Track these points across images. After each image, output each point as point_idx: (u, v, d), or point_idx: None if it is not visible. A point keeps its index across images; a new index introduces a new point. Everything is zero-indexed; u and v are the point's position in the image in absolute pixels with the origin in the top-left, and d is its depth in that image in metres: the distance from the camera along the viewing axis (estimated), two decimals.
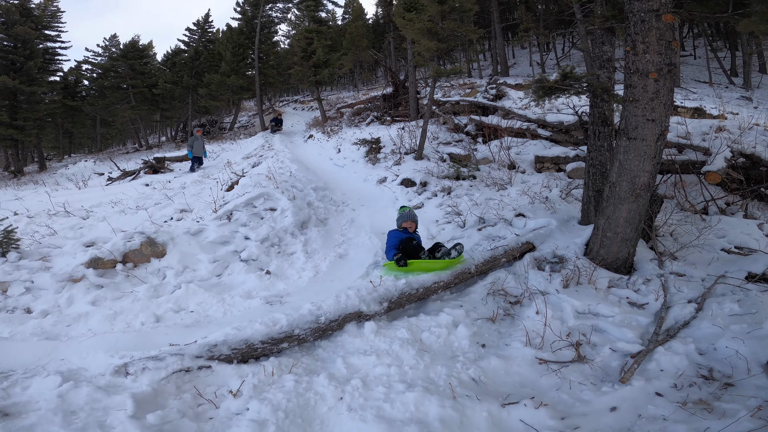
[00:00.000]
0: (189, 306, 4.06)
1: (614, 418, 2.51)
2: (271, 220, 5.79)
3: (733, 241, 4.94)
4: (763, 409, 2.35)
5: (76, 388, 2.46)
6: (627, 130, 3.83)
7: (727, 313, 3.44)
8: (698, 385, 2.73)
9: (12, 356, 3.03)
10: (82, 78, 30.61)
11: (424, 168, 8.15)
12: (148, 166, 13.22)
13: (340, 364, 2.93)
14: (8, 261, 4.51)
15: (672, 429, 2.33)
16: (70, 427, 2.20)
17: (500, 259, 4.49)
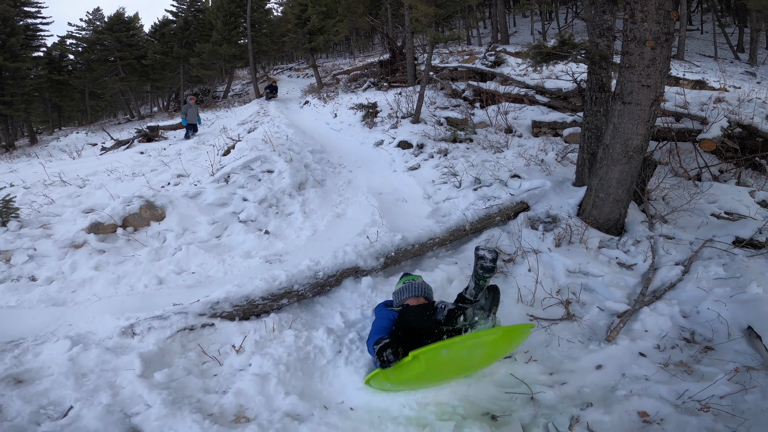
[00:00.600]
0: (190, 267, 4.13)
1: (600, 376, 2.63)
2: (269, 182, 5.79)
3: (723, 207, 5.01)
4: (739, 373, 2.46)
5: (86, 350, 2.55)
6: (622, 95, 3.88)
7: (712, 276, 3.54)
8: (680, 348, 2.86)
9: (21, 324, 3.10)
10: (67, 52, 29.79)
11: (420, 131, 8.12)
12: (142, 135, 13.05)
13: (338, 318, 3.04)
14: (9, 230, 4.53)
15: (653, 389, 2.45)
16: (82, 390, 2.30)
17: (495, 218, 4.56)
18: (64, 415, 2.17)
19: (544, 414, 2.33)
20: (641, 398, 2.36)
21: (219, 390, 2.46)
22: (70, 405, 2.21)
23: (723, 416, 2.20)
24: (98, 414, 2.13)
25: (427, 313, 2.58)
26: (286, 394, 2.41)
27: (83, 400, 2.22)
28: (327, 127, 10.54)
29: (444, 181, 6.09)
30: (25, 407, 2.18)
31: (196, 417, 2.15)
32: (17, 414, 2.14)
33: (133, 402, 2.28)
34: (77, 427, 2.07)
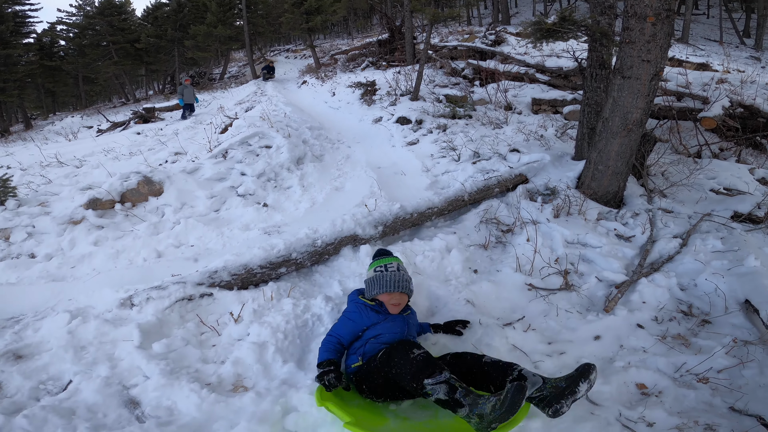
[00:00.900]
0: (189, 240, 4.14)
1: (598, 346, 2.63)
2: (267, 157, 5.78)
3: (722, 183, 4.99)
4: (737, 346, 2.47)
5: (84, 323, 2.56)
6: (622, 70, 3.87)
7: (710, 249, 3.54)
8: (677, 320, 2.87)
9: (21, 300, 3.11)
10: (58, 38, 29.32)
11: (419, 108, 8.07)
12: (138, 116, 12.96)
13: (337, 287, 3.04)
14: (7, 209, 4.51)
15: (651, 361, 2.45)
16: (81, 363, 2.32)
17: (493, 189, 4.57)
18: (63, 389, 2.19)
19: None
20: (639, 370, 2.37)
21: (217, 360, 2.48)
22: (69, 379, 2.23)
23: (721, 390, 2.21)
24: (97, 387, 2.15)
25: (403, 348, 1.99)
26: (283, 362, 2.42)
27: (82, 373, 2.24)
28: (325, 105, 10.44)
29: (443, 155, 6.06)
30: (25, 383, 2.20)
31: (194, 386, 2.17)
32: (17, 390, 2.17)
33: (131, 374, 2.30)
34: (76, 400, 2.09)
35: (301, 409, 2.08)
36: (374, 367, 2.12)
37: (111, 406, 2.08)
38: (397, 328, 2.35)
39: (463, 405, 1.78)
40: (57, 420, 1.94)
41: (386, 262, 2.51)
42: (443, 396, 1.82)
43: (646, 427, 2.01)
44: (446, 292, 3.09)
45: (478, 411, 1.73)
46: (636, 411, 2.09)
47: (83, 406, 2.06)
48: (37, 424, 1.91)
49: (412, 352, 1.95)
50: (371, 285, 2.45)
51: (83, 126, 15.68)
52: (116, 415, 2.04)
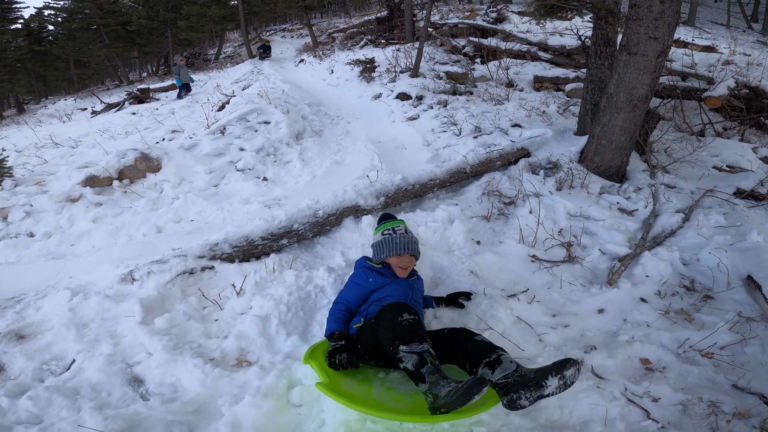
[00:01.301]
0: (189, 215, 4.10)
1: (601, 320, 2.62)
2: (266, 132, 5.72)
3: (725, 160, 4.97)
4: (739, 323, 2.46)
5: (86, 300, 2.53)
6: (628, 46, 3.83)
7: (712, 224, 3.53)
8: (680, 295, 2.85)
9: (22, 280, 3.09)
10: (46, 23, 28.58)
11: (420, 84, 7.98)
12: (133, 97, 12.78)
13: (339, 258, 3.01)
14: (4, 189, 4.50)
15: (655, 336, 2.44)
16: (83, 341, 2.29)
17: (495, 162, 4.53)
18: (67, 369, 2.17)
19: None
20: (643, 345, 2.36)
21: (220, 334, 2.46)
22: (73, 358, 2.21)
23: (724, 367, 2.21)
24: (100, 365, 2.13)
25: (403, 318, 1.90)
26: (287, 335, 2.40)
27: (85, 351, 2.22)
28: (323, 83, 10.32)
29: (443, 129, 6.00)
30: (28, 364, 2.18)
31: (197, 362, 2.14)
32: (21, 371, 2.15)
33: (134, 350, 2.28)
34: (80, 380, 2.08)
35: (305, 382, 2.07)
36: (368, 326, 2.10)
37: (115, 385, 2.07)
38: (401, 291, 2.32)
39: (425, 381, 1.73)
40: (61, 401, 1.92)
41: (393, 225, 2.51)
42: (411, 366, 1.78)
43: (651, 403, 2.01)
44: (449, 262, 3.06)
45: (435, 391, 1.69)
46: (641, 386, 2.10)
47: (87, 385, 2.05)
48: (41, 406, 1.90)
49: (402, 316, 1.90)
50: (379, 248, 2.44)
51: (77, 108, 15.45)
52: (120, 393, 2.03)
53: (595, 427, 1.91)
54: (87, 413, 1.83)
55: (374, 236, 2.57)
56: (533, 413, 2.00)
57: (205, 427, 1.87)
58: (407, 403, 1.98)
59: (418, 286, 2.46)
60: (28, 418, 1.86)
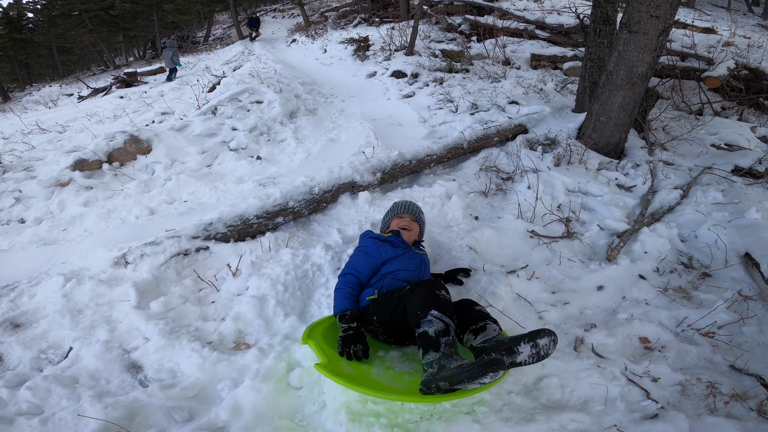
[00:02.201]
0: (182, 196, 4.05)
1: (601, 297, 2.61)
2: (259, 111, 5.62)
3: (723, 139, 4.96)
4: (738, 301, 2.46)
5: (79, 285, 2.48)
6: (629, 24, 3.79)
7: (710, 201, 3.53)
8: (678, 272, 2.85)
9: (15, 267, 3.03)
10: (25, 11, 27.58)
11: (415, 62, 7.87)
12: (120, 81, 12.48)
13: (336, 235, 2.96)
14: None
15: (654, 314, 2.44)
16: (79, 327, 2.25)
17: (492, 138, 4.48)
18: (64, 357, 2.14)
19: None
20: (642, 323, 2.36)
21: (217, 317, 2.41)
22: (70, 346, 2.18)
23: (721, 347, 2.22)
24: (97, 352, 2.10)
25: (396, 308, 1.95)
26: (285, 315, 2.36)
27: (81, 339, 2.19)
28: (317, 62, 10.12)
29: (440, 107, 5.92)
30: (26, 353, 2.15)
31: (194, 346, 2.10)
32: (19, 361, 2.12)
33: (131, 336, 2.24)
34: (78, 368, 2.05)
35: (305, 364, 2.05)
36: (384, 298, 2.08)
37: (113, 372, 2.04)
38: (414, 265, 2.30)
39: (439, 350, 1.70)
40: (61, 390, 1.90)
41: (401, 201, 2.66)
42: (432, 332, 1.75)
43: (651, 383, 2.02)
44: (448, 238, 3.02)
45: (444, 362, 1.65)
46: (641, 365, 2.10)
47: (85, 373, 2.02)
48: (41, 396, 1.88)
49: (440, 291, 1.89)
50: (385, 215, 2.64)
51: (63, 94, 15.10)
52: (119, 380, 2.01)
53: (596, 406, 1.92)
54: (87, 402, 1.81)
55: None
56: (534, 393, 2.00)
57: (205, 412, 1.85)
58: (407, 382, 1.97)
59: (427, 261, 2.44)
60: (29, 409, 1.84)
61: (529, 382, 2.06)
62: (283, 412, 1.87)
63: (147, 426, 1.78)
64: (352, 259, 2.34)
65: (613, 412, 1.88)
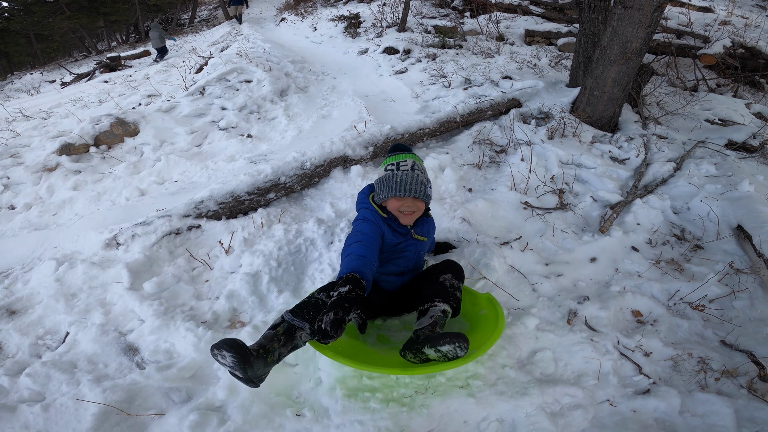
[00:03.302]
0: (172, 176, 4.01)
1: (594, 269, 2.60)
2: (248, 90, 5.56)
3: (718, 114, 4.96)
4: (729, 275, 2.44)
5: (72, 269, 2.46)
6: (623, 0, 3.75)
7: (703, 173, 3.52)
8: (671, 244, 2.84)
9: (7, 254, 3.01)
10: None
11: (407, 38, 7.77)
12: (103, 66, 12.14)
13: (329, 209, 2.93)
14: None
15: (646, 287, 2.43)
16: (74, 312, 2.24)
17: (486, 112, 4.44)
18: (62, 342, 2.13)
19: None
20: (635, 296, 2.36)
21: (211, 296, 2.39)
22: (66, 331, 2.18)
23: (712, 322, 2.22)
24: (93, 336, 2.09)
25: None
26: (279, 291, 2.34)
27: (77, 323, 2.18)
28: (307, 41, 9.99)
29: (432, 82, 5.86)
30: (24, 340, 2.15)
31: (189, 325, 2.09)
32: (17, 349, 2.12)
33: (125, 318, 2.22)
34: (76, 353, 2.05)
35: None
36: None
37: (111, 355, 2.04)
38: (404, 262, 2.09)
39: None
40: (60, 375, 1.91)
41: (399, 159, 2.01)
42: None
43: (643, 357, 2.02)
44: (441, 210, 3.00)
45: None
46: (633, 339, 2.11)
47: (83, 357, 2.03)
48: (41, 382, 1.88)
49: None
50: (380, 186, 2.01)
51: (44, 81, 14.71)
52: (117, 363, 2.01)
53: (589, 380, 1.92)
54: (86, 386, 1.81)
55: (379, 171, 2.11)
56: (528, 366, 2.01)
57: (203, 392, 1.85)
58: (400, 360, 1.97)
59: (422, 249, 2.18)
60: (30, 396, 1.85)
61: (523, 356, 2.06)
62: (280, 389, 1.86)
63: (146, 408, 1.78)
64: (356, 230, 1.96)
65: (606, 387, 1.89)
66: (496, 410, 1.80)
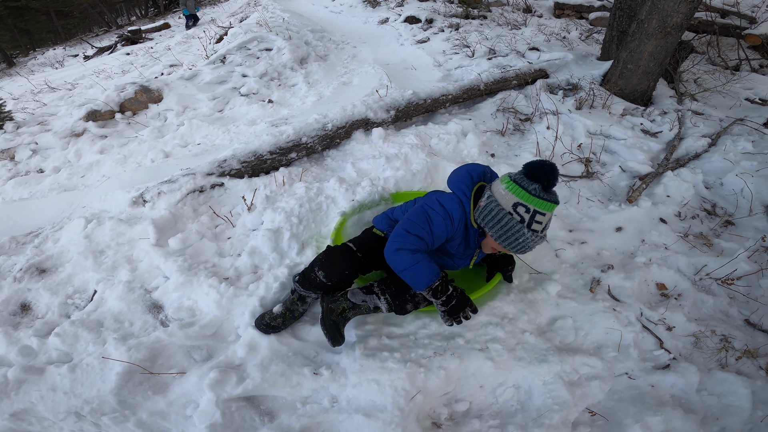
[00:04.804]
0: (195, 139, 4.07)
1: (619, 239, 2.55)
2: (268, 58, 5.58)
3: (759, 94, 4.78)
4: (759, 252, 2.39)
5: (100, 226, 2.48)
6: None
7: (740, 150, 3.41)
8: (700, 219, 2.77)
9: (37, 214, 3.05)
10: None
11: (429, 7, 7.60)
12: (125, 39, 12.20)
13: (350, 169, 2.92)
14: (6, 131, 4.49)
15: (672, 260, 2.38)
16: (101, 269, 2.26)
17: (511, 81, 4.34)
18: (89, 301, 2.16)
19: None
20: (660, 268, 2.32)
21: (233, 252, 2.38)
22: (94, 289, 2.20)
23: (738, 300, 2.18)
24: (120, 293, 2.11)
25: None
26: (300, 248, 2.33)
27: (104, 281, 2.20)
28: (326, 10, 9.79)
29: (455, 51, 5.74)
30: (53, 299, 2.17)
31: (212, 282, 2.10)
32: (47, 309, 2.14)
33: (151, 275, 2.24)
34: (102, 311, 2.07)
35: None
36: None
37: (136, 313, 2.06)
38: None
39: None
40: (87, 335, 1.92)
41: (538, 207, 1.56)
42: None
43: (665, 331, 2.00)
44: None
45: None
46: (657, 312, 2.07)
47: (110, 316, 2.05)
48: (69, 342, 1.90)
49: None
50: (495, 227, 1.63)
51: (67, 56, 14.90)
52: (142, 321, 2.04)
53: (609, 352, 1.91)
54: (111, 345, 1.84)
55: (500, 188, 1.64)
56: (548, 334, 2.01)
57: (222, 350, 1.87)
58: None
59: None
60: (58, 357, 1.87)
61: (543, 323, 2.06)
62: (298, 348, 1.90)
63: (168, 366, 1.81)
64: (434, 225, 1.70)
65: (626, 360, 1.88)
66: (513, 376, 1.81)
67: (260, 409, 1.72)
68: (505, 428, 1.68)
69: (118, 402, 1.66)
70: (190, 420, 1.64)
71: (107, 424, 1.61)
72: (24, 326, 2.03)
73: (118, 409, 1.65)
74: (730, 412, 1.68)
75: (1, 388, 1.70)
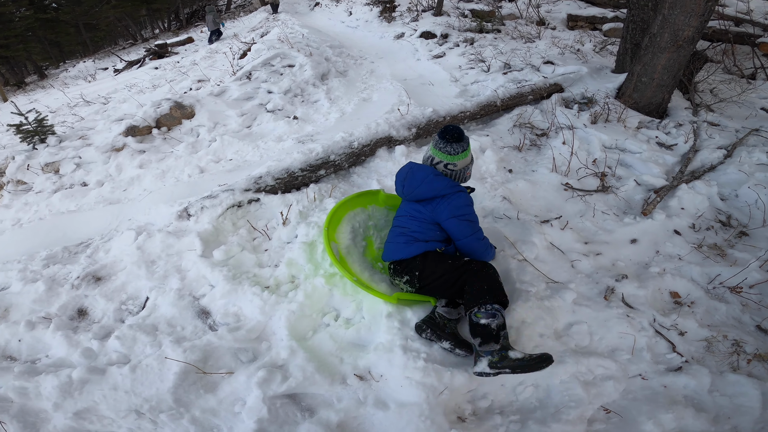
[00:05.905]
0: (227, 155, 4.27)
1: (634, 250, 2.61)
2: (291, 75, 5.81)
3: None
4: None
5: (150, 238, 2.63)
6: None
7: (755, 161, 3.42)
8: (715, 230, 2.80)
9: (85, 226, 3.22)
10: None
11: (444, 22, 7.74)
12: (152, 53, 12.67)
13: (375, 185, 3.08)
14: (50, 145, 4.69)
15: (686, 270, 2.43)
16: (154, 277, 2.40)
17: (526, 96, 4.45)
18: (142, 308, 2.28)
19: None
20: (674, 278, 2.36)
21: (271, 263, 2.51)
22: (146, 296, 2.33)
23: (750, 307, 2.21)
24: (171, 300, 2.23)
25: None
26: (331, 263, 2.38)
27: (157, 288, 2.33)
28: (342, 25, 10.05)
29: (471, 66, 5.87)
30: (109, 305, 2.30)
31: (255, 290, 2.23)
32: (103, 314, 2.26)
33: (198, 283, 2.36)
34: (156, 316, 2.19)
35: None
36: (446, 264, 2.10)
37: (187, 318, 2.18)
38: None
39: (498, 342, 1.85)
40: (144, 338, 2.04)
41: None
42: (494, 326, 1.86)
43: (677, 336, 2.05)
44: (482, 189, 3.08)
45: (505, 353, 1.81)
46: (669, 318, 2.13)
47: (163, 321, 2.16)
48: (128, 345, 2.01)
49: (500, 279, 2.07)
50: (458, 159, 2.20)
51: (98, 69, 15.45)
52: (192, 326, 2.15)
53: (623, 354, 1.97)
54: (168, 347, 1.95)
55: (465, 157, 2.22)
56: (564, 338, 2.07)
57: (266, 352, 1.99)
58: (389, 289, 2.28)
59: None
60: (118, 359, 1.97)
61: (560, 327, 2.12)
62: (333, 349, 2.03)
63: (218, 367, 1.92)
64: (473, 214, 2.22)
65: (639, 362, 1.93)
66: (532, 375, 1.88)
67: (301, 405, 1.81)
68: (526, 423, 1.75)
69: (174, 400, 1.77)
70: (238, 416, 1.74)
71: (164, 421, 1.71)
72: (82, 330, 2.16)
73: (174, 406, 1.75)
74: (741, 411, 1.74)
75: (65, 388, 1.80)
